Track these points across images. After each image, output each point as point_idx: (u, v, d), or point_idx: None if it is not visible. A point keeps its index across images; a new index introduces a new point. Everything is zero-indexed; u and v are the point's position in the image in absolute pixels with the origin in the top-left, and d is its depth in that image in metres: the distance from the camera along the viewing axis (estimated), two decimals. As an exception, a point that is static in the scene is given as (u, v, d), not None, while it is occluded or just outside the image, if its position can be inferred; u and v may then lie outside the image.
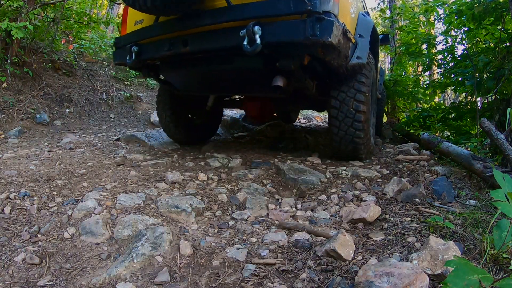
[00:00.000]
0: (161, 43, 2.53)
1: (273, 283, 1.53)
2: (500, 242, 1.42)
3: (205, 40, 2.32)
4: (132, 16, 2.87)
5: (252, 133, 4.98)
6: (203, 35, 2.31)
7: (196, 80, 2.95)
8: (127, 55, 2.70)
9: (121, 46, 2.90)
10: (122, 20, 3.04)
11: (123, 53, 2.82)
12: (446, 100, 10.83)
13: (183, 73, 2.84)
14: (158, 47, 2.56)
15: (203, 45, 2.34)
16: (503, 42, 4.19)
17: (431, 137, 3.56)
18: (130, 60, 2.67)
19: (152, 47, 2.62)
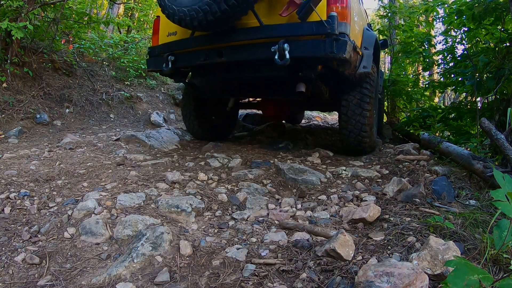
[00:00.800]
0: (197, 54, 2.89)
1: (273, 283, 1.53)
2: (500, 242, 1.42)
3: (239, 52, 2.71)
4: (164, 28, 3.18)
5: (252, 133, 4.98)
6: (237, 48, 2.71)
7: (226, 86, 3.37)
8: (163, 63, 2.99)
9: (156, 55, 3.21)
10: (154, 31, 3.35)
11: (158, 61, 3.11)
12: (446, 100, 10.82)
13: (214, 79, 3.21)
14: (194, 57, 2.91)
15: (237, 57, 2.73)
16: (503, 42, 4.19)
17: (431, 137, 3.56)
18: (166, 68, 2.98)
19: (188, 57, 2.97)
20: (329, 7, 2.50)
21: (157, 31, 3.29)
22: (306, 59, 2.56)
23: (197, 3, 2.41)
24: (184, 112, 3.99)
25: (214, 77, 3.18)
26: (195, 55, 2.91)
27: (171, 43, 3.06)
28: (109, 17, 7.20)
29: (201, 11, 2.41)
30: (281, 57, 2.43)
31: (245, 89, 3.43)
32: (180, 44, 2.99)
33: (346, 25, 2.54)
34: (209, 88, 3.49)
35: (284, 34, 2.51)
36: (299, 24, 2.49)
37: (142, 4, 12.13)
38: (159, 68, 3.12)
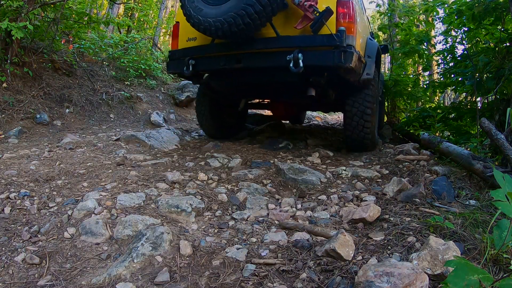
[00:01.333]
0: (217, 59, 3.15)
1: (273, 283, 1.53)
2: (500, 242, 1.42)
3: (256, 59, 3.00)
4: (184, 33, 3.43)
5: (252, 133, 4.98)
6: (255, 56, 2.99)
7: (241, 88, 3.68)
8: (184, 66, 3.23)
9: (176, 58, 3.45)
10: (173, 36, 3.58)
11: (179, 64, 3.35)
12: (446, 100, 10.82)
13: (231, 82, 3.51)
14: (214, 62, 3.17)
15: (254, 63, 3.02)
16: (503, 42, 4.18)
17: (431, 137, 3.56)
18: (187, 71, 3.21)
19: (208, 62, 3.24)
20: (338, 22, 2.80)
21: (176, 36, 3.51)
22: (317, 67, 2.85)
23: (222, 16, 2.67)
24: (198, 112, 4.20)
25: (231, 80, 3.46)
26: (215, 60, 3.17)
27: (192, 48, 3.30)
28: (109, 17, 7.19)
29: (226, 23, 2.68)
30: (296, 65, 2.73)
31: (259, 91, 3.76)
32: (201, 50, 3.26)
33: (353, 38, 2.85)
34: (225, 90, 3.77)
35: (298, 44, 2.81)
36: (312, 36, 2.81)
37: (142, 4, 12.14)
38: (180, 70, 3.33)
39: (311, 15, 2.75)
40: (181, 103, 7.00)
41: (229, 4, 2.67)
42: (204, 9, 2.77)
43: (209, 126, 4.22)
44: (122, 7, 12.51)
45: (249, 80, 3.39)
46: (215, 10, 2.73)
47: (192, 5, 2.83)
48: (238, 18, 2.62)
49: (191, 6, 2.83)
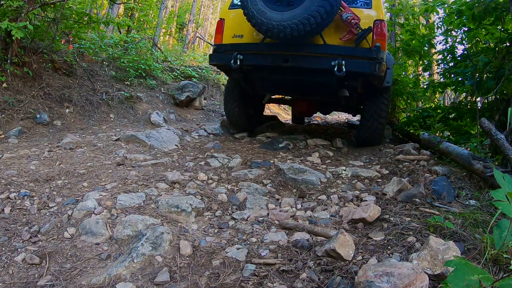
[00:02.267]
0: (265, 57, 3.52)
1: (273, 283, 1.53)
2: (500, 242, 1.42)
3: (303, 61, 3.41)
4: (229, 30, 3.77)
5: (252, 133, 4.97)
6: (302, 57, 3.40)
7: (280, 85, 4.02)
8: (231, 60, 3.51)
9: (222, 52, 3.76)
10: (217, 31, 3.88)
11: (225, 57, 3.65)
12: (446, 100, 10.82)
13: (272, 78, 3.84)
14: (262, 59, 3.55)
15: (300, 64, 3.42)
16: (503, 42, 4.18)
17: (431, 137, 3.56)
18: (235, 64, 3.50)
19: (255, 58, 3.58)
20: (374, 39, 3.37)
21: (220, 31, 3.82)
22: (355, 73, 3.35)
23: (286, 21, 3.05)
24: (226, 103, 4.55)
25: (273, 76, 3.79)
26: (263, 57, 3.53)
27: (239, 45, 3.63)
28: (109, 17, 7.18)
29: (289, 28, 3.06)
30: (339, 69, 3.20)
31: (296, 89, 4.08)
32: (249, 47, 3.60)
33: (384, 53, 3.45)
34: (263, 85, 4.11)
35: (342, 53, 3.31)
36: (354, 48, 3.34)
37: (142, 4, 12.14)
38: (226, 62, 3.61)
39: (355, 31, 3.30)
40: (181, 103, 7.00)
41: (294, 12, 3.06)
42: (268, 13, 3.12)
43: (236, 117, 4.60)
44: (122, 7, 12.52)
45: (291, 78, 3.72)
46: (279, 15, 3.10)
47: (256, 7, 3.16)
48: (301, 25, 3.04)
49: (255, 8, 3.15)
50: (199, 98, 7.39)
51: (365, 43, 3.31)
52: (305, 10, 3.02)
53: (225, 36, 3.78)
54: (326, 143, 4.19)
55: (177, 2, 21.15)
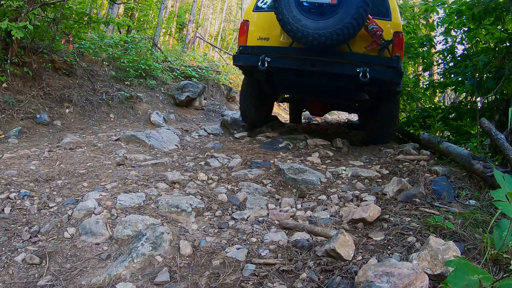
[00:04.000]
0: (293, 60, 3.70)
1: (273, 283, 1.53)
2: (500, 242, 1.42)
3: (329, 66, 3.61)
4: (254, 32, 3.92)
5: (252, 133, 4.97)
6: (328, 63, 3.60)
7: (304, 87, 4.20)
8: (258, 62, 3.64)
9: (248, 53, 3.89)
10: (241, 33, 4.01)
11: (251, 58, 3.79)
12: (446, 100, 10.82)
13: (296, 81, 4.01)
14: (290, 62, 3.71)
15: (327, 69, 3.63)
16: (503, 42, 4.18)
17: (431, 137, 3.56)
18: (263, 66, 3.63)
19: (283, 61, 3.72)
20: (394, 49, 3.63)
21: (244, 33, 3.96)
22: (377, 79, 3.56)
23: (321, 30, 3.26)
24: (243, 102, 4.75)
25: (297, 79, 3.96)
26: (291, 61, 3.70)
27: (266, 47, 3.78)
28: (109, 17, 7.18)
29: (323, 36, 3.27)
30: (364, 76, 3.43)
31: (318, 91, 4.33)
32: (277, 50, 3.76)
33: (401, 62, 3.74)
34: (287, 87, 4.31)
35: (367, 61, 3.55)
36: (377, 56, 3.62)
37: (142, 4, 12.13)
38: (253, 64, 3.73)
39: (378, 41, 3.55)
40: (181, 103, 7.00)
41: (328, 22, 3.28)
42: (303, 21, 3.30)
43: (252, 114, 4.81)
44: (122, 7, 12.51)
45: (315, 81, 3.92)
46: (314, 23, 3.29)
47: (291, 14, 3.32)
48: (335, 35, 3.26)
49: (290, 15, 3.31)
50: (199, 98, 7.39)
51: (386, 52, 3.61)
52: (339, 21, 3.24)
53: (249, 38, 3.92)
54: (326, 143, 4.19)
55: (177, 2, 21.14)
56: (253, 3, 4.13)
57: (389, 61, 3.62)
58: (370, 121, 4.56)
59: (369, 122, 4.63)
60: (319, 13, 3.38)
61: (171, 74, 7.81)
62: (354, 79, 3.52)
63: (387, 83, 3.72)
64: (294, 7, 3.34)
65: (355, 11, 3.22)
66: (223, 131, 5.32)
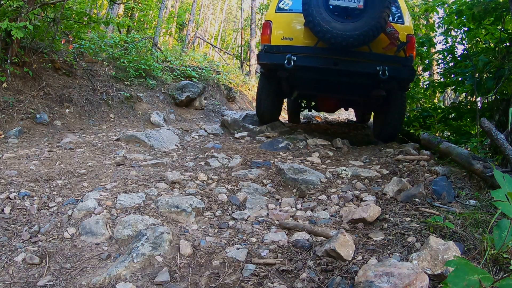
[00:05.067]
0: (317, 59, 3.93)
1: (273, 283, 1.53)
2: (500, 242, 1.42)
3: (351, 65, 3.88)
4: (277, 32, 4.11)
5: (252, 133, 4.98)
6: (350, 62, 3.86)
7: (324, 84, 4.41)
8: (284, 60, 3.82)
9: (273, 52, 4.05)
10: (264, 32, 4.19)
11: (277, 57, 3.96)
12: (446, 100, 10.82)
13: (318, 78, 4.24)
14: (314, 61, 3.94)
15: (349, 67, 3.88)
16: (503, 42, 4.18)
17: (431, 137, 3.56)
18: (289, 64, 3.82)
19: (307, 60, 3.92)
20: (408, 50, 3.93)
21: (267, 33, 4.13)
22: (394, 77, 3.84)
23: (349, 31, 3.51)
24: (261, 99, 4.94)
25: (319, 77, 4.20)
26: (316, 60, 3.93)
27: (291, 47, 3.98)
28: (109, 17, 7.18)
29: (351, 38, 3.53)
30: (383, 74, 3.71)
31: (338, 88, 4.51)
32: (301, 49, 3.96)
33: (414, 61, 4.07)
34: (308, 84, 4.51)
35: (385, 60, 3.86)
36: (394, 56, 3.90)
37: (142, 4, 12.13)
38: (279, 62, 3.90)
39: (395, 43, 3.81)
40: (181, 103, 7.00)
41: (356, 25, 3.55)
42: (333, 23, 3.55)
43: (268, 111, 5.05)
44: (122, 7, 12.50)
45: (336, 79, 4.18)
46: (343, 26, 3.56)
47: (321, 16, 3.55)
48: (362, 36, 3.54)
49: (320, 17, 3.55)
50: (199, 98, 7.39)
51: (401, 52, 3.92)
52: (365, 24, 3.54)
53: (273, 37, 4.11)
54: (326, 143, 4.19)
55: (177, 2, 21.14)
56: (274, 4, 4.32)
57: (404, 61, 3.93)
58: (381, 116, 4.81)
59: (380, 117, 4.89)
60: (347, 16, 3.68)
61: (171, 74, 7.81)
62: (373, 76, 3.79)
63: (403, 80, 4.03)
64: (324, 10, 3.58)
65: (380, 15, 3.52)
66: (223, 131, 5.32)
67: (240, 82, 11.29)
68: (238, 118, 5.45)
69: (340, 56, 3.80)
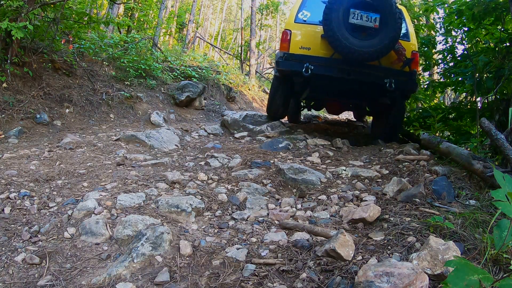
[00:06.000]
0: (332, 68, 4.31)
1: (273, 283, 1.53)
2: (500, 242, 1.42)
3: (362, 75, 4.26)
4: (295, 41, 4.44)
5: (252, 133, 4.98)
6: (361, 73, 4.25)
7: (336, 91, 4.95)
8: (302, 68, 4.18)
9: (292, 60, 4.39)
10: (283, 40, 4.51)
11: (296, 64, 4.31)
12: (446, 100, 10.82)
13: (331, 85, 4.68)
14: (330, 70, 4.30)
15: (359, 77, 4.27)
16: (503, 42, 4.18)
17: (431, 137, 3.56)
18: (307, 72, 4.18)
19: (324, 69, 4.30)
20: (412, 65, 4.35)
21: (286, 41, 4.46)
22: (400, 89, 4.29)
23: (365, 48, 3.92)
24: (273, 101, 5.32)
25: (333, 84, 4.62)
26: (331, 69, 4.31)
27: (309, 56, 4.33)
28: (109, 17, 7.17)
29: (367, 54, 3.93)
30: (390, 85, 4.13)
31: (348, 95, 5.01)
32: (318, 59, 4.32)
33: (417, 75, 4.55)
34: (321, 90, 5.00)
35: (392, 73, 4.26)
36: (400, 71, 4.31)
37: (142, 4, 12.13)
38: (297, 70, 4.26)
39: (402, 58, 4.23)
40: (181, 103, 7.00)
41: (371, 42, 3.95)
42: (350, 39, 3.93)
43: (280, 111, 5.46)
44: (122, 7, 12.50)
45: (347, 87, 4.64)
46: (360, 42, 3.94)
47: (341, 32, 3.93)
48: (375, 53, 3.94)
49: (340, 33, 3.92)
50: (199, 98, 7.39)
51: (406, 67, 4.34)
52: (380, 42, 3.93)
53: (292, 46, 4.44)
54: (326, 143, 4.20)
55: (177, 2, 21.13)
56: (293, 14, 4.66)
57: (409, 75, 4.33)
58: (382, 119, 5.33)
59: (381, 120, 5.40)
60: (363, 33, 4.06)
61: (171, 74, 7.81)
62: (381, 87, 4.21)
63: (406, 91, 4.53)
64: (343, 27, 3.95)
65: (393, 35, 3.93)
66: (223, 131, 5.32)
67: (240, 82, 11.29)
68: (238, 118, 5.45)
69: (353, 67, 4.19)
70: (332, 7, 3.95)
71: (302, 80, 4.56)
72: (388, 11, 3.95)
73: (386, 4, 3.97)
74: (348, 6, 4.00)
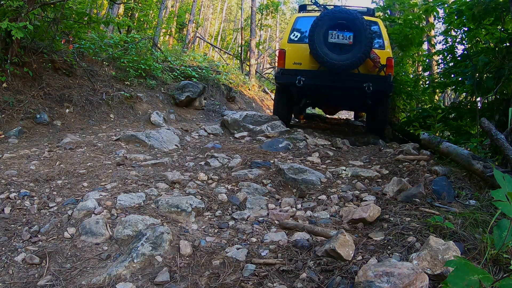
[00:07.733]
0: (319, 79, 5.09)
1: (273, 283, 1.53)
2: (500, 242, 1.42)
3: (344, 82, 5.00)
4: (290, 58, 5.27)
5: (252, 133, 4.97)
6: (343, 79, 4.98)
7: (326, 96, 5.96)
8: (295, 80, 4.96)
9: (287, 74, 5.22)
10: (280, 58, 5.42)
11: (290, 78, 5.10)
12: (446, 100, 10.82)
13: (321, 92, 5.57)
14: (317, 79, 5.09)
15: (343, 84, 5.03)
16: (503, 42, 4.18)
17: (431, 137, 3.55)
18: (299, 84, 4.95)
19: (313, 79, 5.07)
20: (387, 70, 5.03)
21: (282, 58, 5.34)
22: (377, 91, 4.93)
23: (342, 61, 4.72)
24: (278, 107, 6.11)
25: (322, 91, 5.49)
26: (319, 79, 5.09)
27: (300, 70, 5.12)
28: (109, 17, 7.18)
29: (345, 65, 4.72)
30: (368, 88, 4.79)
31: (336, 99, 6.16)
32: (308, 72, 5.11)
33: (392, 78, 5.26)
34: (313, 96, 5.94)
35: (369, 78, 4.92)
36: (376, 75, 5.02)
37: (142, 4, 12.13)
38: (292, 82, 5.03)
39: (377, 65, 4.94)
40: (181, 103, 7.00)
41: (346, 56, 4.73)
42: (330, 55, 4.76)
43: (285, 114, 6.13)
44: (122, 7, 12.50)
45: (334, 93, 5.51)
46: (338, 57, 4.76)
47: (322, 50, 4.77)
48: (351, 64, 4.73)
49: (322, 51, 4.76)
50: (199, 98, 7.39)
51: (382, 72, 5.02)
52: (354, 56, 4.71)
53: (287, 63, 5.29)
54: (326, 143, 4.20)
55: (177, 2, 21.13)
56: (286, 36, 5.51)
57: (384, 78, 5.04)
58: (370, 116, 6.14)
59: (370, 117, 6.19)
60: (340, 49, 4.86)
61: (171, 74, 7.81)
62: (361, 90, 4.88)
63: (383, 92, 5.24)
64: (324, 46, 4.80)
65: (364, 49, 4.69)
66: (223, 131, 5.32)
67: (240, 82, 11.29)
68: (238, 118, 5.45)
69: (336, 76, 4.96)
70: (314, 30, 4.77)
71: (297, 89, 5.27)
72: (360, 30, 4.74)
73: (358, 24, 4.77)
74: (327, 28, 4.85)
